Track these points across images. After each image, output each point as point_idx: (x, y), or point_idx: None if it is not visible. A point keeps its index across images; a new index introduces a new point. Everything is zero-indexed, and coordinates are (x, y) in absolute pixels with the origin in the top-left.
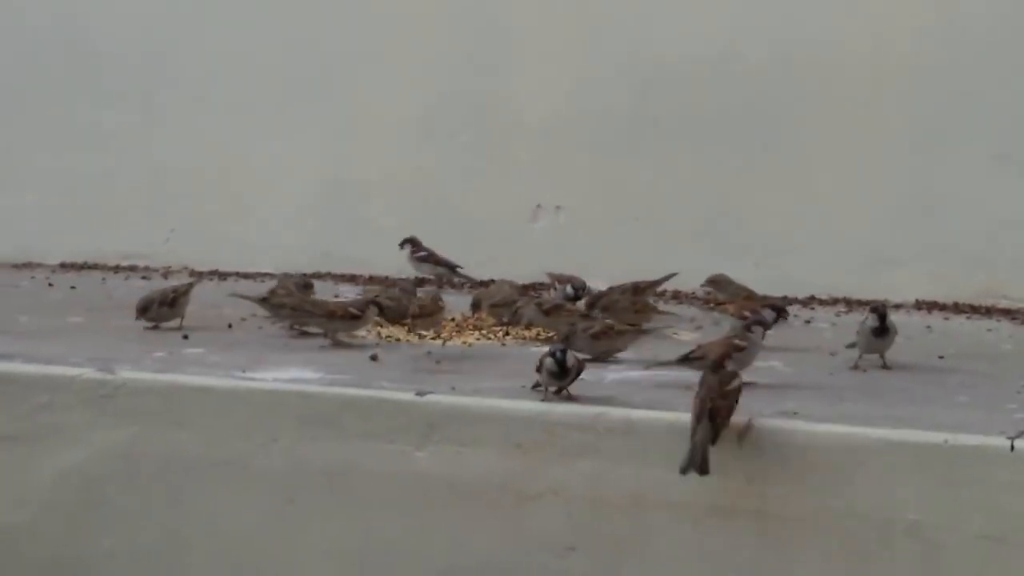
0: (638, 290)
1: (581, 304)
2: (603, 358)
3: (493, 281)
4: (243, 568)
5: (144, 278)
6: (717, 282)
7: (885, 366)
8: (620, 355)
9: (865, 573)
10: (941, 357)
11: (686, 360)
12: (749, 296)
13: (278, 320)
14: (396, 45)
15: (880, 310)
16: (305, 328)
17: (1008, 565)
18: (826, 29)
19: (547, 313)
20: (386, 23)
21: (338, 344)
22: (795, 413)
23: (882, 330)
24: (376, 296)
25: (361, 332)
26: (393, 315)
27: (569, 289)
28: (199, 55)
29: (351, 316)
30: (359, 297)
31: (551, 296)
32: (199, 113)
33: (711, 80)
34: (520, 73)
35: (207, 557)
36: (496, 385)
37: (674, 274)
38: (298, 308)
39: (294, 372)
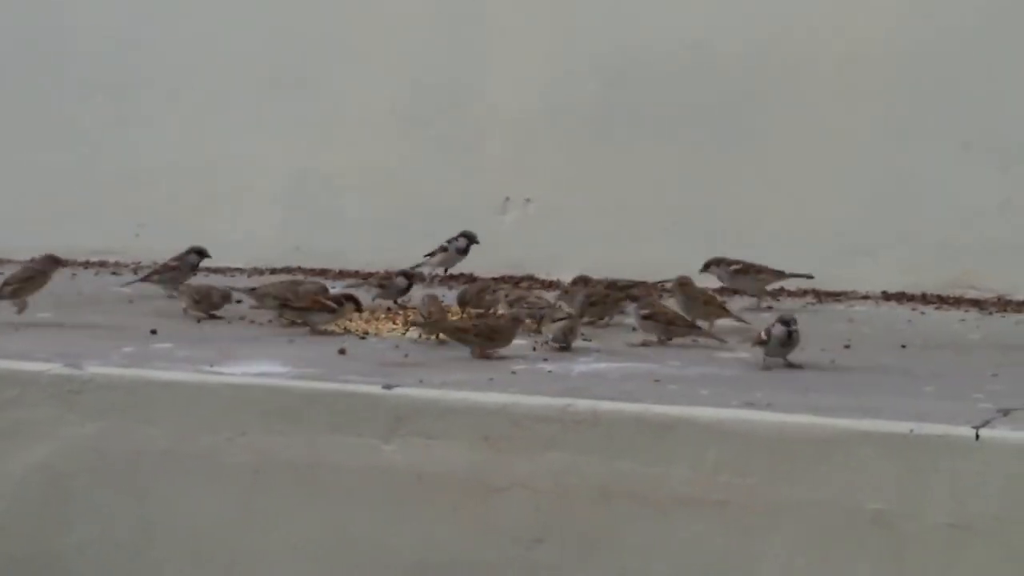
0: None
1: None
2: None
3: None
4: (211, 561)
5: (114, 273)
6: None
7: None
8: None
9: (831, 563)
10: (903, 346)
11: None
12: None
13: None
14: (368, 38)
15: None
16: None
17: (973, 554)
18: (796, 20)
19: None
20: (358, 16)
21: (318, 334)
22: (768, 404)
23: None
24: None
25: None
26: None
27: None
28: (170, 50)
29: (329, 309)
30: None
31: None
32: (170, 108)
33: (683, 72)
34: (491, 66)
35: (175, 551)
36: (463, 378)
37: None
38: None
39: (261, 366)
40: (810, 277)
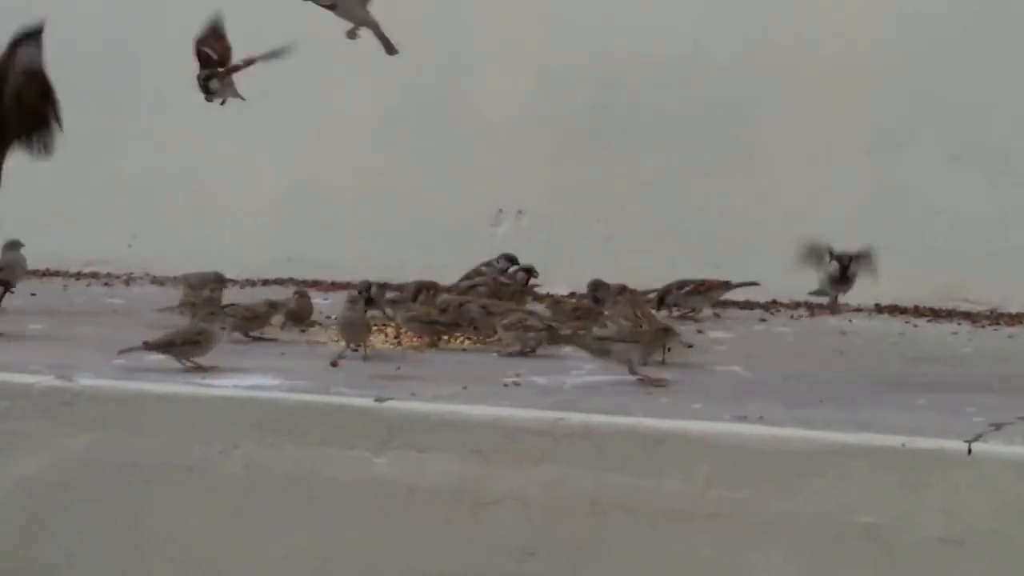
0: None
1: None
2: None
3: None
4: (202, 574)
5: (106, 284)
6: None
7: None
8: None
9: None
10: (896, 359)
11: None
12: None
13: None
14: (358, 48)
15: None
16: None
17: (965, 568)
18: (788, 31)
19: None
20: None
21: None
22: (760, 418)
23: None
24: None
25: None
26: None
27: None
28: (160, 58)
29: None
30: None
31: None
32: (161, 117)
33: (673, 82)
34: (482, 75)
35: (166, 564)
36: (456, 390)
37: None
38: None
39: (254, 378)
40: (756, 284)
